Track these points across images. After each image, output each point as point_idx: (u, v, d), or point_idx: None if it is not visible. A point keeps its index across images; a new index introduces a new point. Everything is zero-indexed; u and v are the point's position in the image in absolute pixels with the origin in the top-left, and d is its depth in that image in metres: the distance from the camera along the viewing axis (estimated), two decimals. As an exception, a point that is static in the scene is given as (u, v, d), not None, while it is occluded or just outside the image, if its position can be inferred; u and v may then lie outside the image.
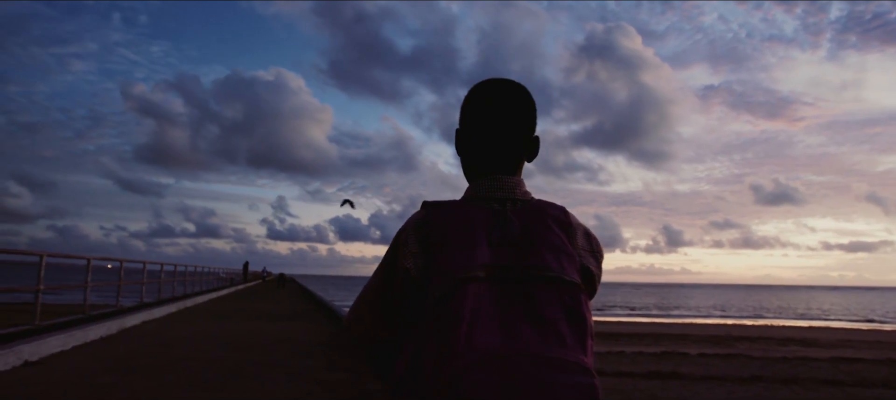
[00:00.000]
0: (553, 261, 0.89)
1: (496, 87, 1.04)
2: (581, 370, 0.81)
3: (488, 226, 0.92)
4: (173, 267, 19.28)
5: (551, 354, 0.80)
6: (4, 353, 5.81)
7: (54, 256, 8.84)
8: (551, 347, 0.81)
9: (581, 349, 0.84)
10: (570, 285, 0.88)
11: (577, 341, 0.84)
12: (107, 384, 5.20)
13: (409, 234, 0.94)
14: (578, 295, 0.88)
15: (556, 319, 0.84)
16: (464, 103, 1.06)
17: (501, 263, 0.88)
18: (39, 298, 8.27)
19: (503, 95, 1.03)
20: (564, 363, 0.80)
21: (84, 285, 10.16)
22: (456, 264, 0.87)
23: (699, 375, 8.56)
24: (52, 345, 6.92)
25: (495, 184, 0.98)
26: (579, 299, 0.87)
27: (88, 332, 8.09)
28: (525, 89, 1.05)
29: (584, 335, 0.85)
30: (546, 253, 0.90)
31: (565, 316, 0.85)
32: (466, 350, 0.79)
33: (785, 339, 15.71)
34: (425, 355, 0.84)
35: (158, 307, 13.03)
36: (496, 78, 1.06)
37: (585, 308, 0.88)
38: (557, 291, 0.87)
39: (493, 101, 1.02)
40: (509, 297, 0.85)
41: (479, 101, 1.04)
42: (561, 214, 0.98)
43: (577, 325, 0.85)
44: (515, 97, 1.03)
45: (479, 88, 1.05)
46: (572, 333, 0.84)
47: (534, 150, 1.05)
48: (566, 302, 0.86)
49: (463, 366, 0.78)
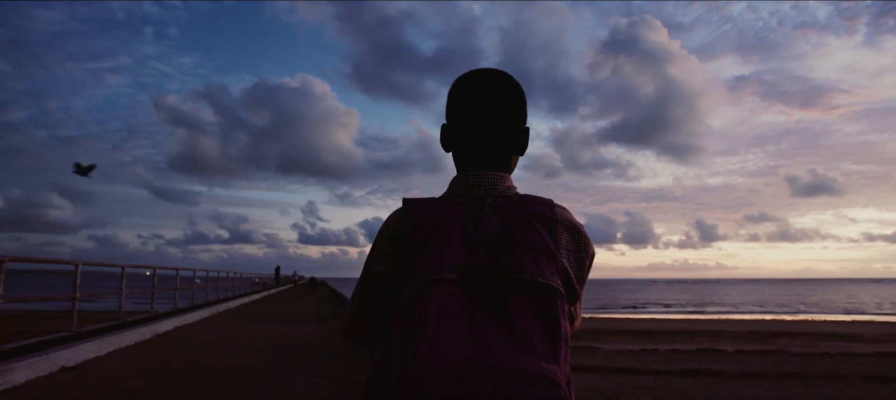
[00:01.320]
0: (530, 262, 0.85)
1: (478, 78, 0.99)
2: (546, 382, 0.76)
3: (464, 225, 0.88)
4: (205, 273, 19.65)
5: (517, 363, 0.76)
6: (41, 359, 5.98)
7: (89, 264, 9.05)
8: (519, 356, 0.77)
9: (552, 357, 0.79)
10: (545, 288, 0.83)
11: (548, 349, 0.79)
12: (137, 388, 5.30)
13: (383, 235, 0.93)
14: (554, 299, 0.83)
15: (526, 324, 0.80)
16: (448, 96, 1.02)
17: (474, 265, 0.84)
18: (76, 306, 8.49)
19: (485, 87, 0.98)
20: (528, 374, 0.76)
21: (119, 292, 10.40)
22: (426, 266, 0.84)
23: (736, 373, 8.30)
24: (88, 351, 7.10)
25: (475, 180, 0.95)
26: (554, 303, 0.82)
27: (123, 337, 8.27)
28: (511, 79, 1.00)
29: (557, 342, 0.80)
30: (523, 253, 0.85)
31: (538, 321, 0.80)
32: (429, 355, 0.77)
33: (827, 334, 15.15)
34: (392, 358, 0.82)
35: (191, 312, 13.29)
36: (480, 68, 1.01)
37: (560, 313, 0.82)
38: (531, 294, 0.82)
39: (475, 93, 0.98)
40: (480, 300, 0.81)
41: (460, 94, 1.00)
42: (546, 211, 0.92)
43: (550, 331, 0.80)
44: (498, 88, 0.98)
45: (461, 80, 1.01)
46: (544, 339, 0.79)
47: (522, 143, 1.01)
48: (539, 306, 0.81)
49: (424, 372, 0.75)
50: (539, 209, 0.92)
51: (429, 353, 0.77)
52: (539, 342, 0.79)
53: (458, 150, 1.00)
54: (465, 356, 0.76)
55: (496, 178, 0.95)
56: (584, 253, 0.93)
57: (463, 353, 0.76)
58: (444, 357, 0.76)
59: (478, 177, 0.95)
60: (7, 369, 5.33)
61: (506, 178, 0.96)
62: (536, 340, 0.79)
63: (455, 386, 0.74)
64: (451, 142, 1.01)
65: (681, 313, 30.23)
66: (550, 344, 0.79)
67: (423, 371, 0.76)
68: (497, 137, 0.97)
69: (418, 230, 0.89)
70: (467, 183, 0.95)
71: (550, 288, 0.83)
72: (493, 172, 0.96)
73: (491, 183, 0.94)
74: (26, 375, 5.62)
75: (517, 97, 0.99)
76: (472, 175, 0.95)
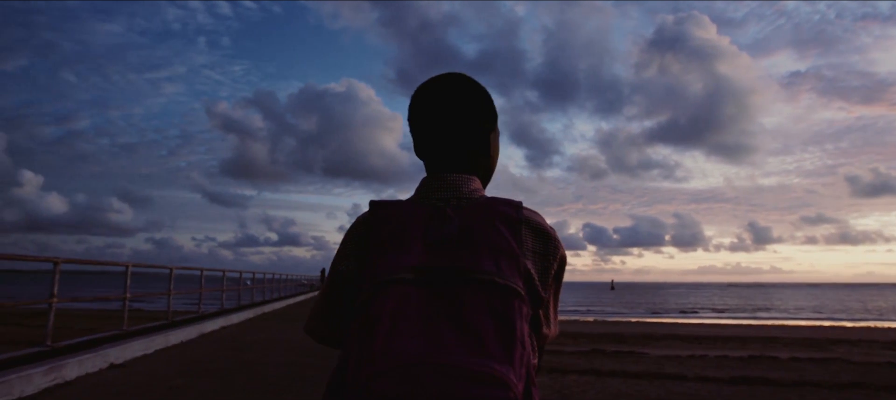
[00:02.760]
0: (489, 262, 0.84)
1: (437, 83, 1.01)
2: (495, 382, 0.74)
3: (425, 226, 0.88)
4: (252, 274, 20.13)
5: (468, 363, 0.75)
6: (92, 355, 6.23)
7: (138, 265, 9.39)
8: (470, 356, 0.76)
9: (506, 358, 0.77)
10: (503, 289, 0.82)
11: (502, 350, 0.77)
12: (179, 386, 5.42)
13: (348, 235, 0.94)
14: (512, 300, 0.81)
15: (481, 325, 0.78)
16: (409, 105, 1.04)
17: (432, 265, 0.84)
18: (126, 306, 8.82)
19: (441, 92, 1.00)
20: (478, 375, 0.74)
21: (167, 293, 10.75)
22: (384, 266, 0.85)
23: (791, 381, 7.87)
24: (136, 349, 7.35)
25: (440, 183, 0.95)
26: (512, 305, 0.81)
27: (170, 337, 8.54)
28: (470, 82, 1.01)
29: (512, 343, 0.79)
30: (483, 254, 0.84)
31: (493, 322, 0.79)
32: (381, 355, 0.76)
33: (891, 342, 14.26)
34: (350, 358, 0.81)
35: (237, 313, 13.62)
36: (440, 74, 1.03)
37: (517, 314, 0.81)
38: (488, 294, 0.81)
39: (431, 98, 1.00)
40: (435, 300, 0.81)
41: (418, 101, 1.02)
42: (512, 212, 0.91)
43: (505, 332, 0.79)
44: (457, 91, 0.99)
45: (419, 87, 1.03)
46: (498, 341, 0.78)
47: (484, 145, 1.01)
48: (496, 307, 0.80)
49: (374, 372, 0.75)
50: (504, 210, 0.91)
51: (381, 352, 0.77)
52: (493, 343, 0.77)
53: (424, 156, 1.02)
54: (417, 356, 0.76)
55: (461, 180, 0.95)
56: (551, 256, 0.92)
57: (415, 352, 0.76)
58: (394, 357, 0.76)
59: (443, 179, 0.95)
60: (60, 365, 5.57)
61: (472, 180, 0.96)
62: (490, 341, 0.77)
63: (404, 385, 0.74)
64: (418, 148, 1.03)
65: (732, 318, 29.04)
66: (505, 345, 0.78)
67: (374, 370, 0.75)
68: (457, 140, 0.99)
69: (380, 231, 0.89)
70: (433, 185, 0.96)
71: (508, 289, 0.82)
72: (458, 175, 0.96)
73: (455, 185, 0.95)
74: (77, 371, 5.85)
75: (474, 99, 1.00)
76: (438, 177, 0.96)
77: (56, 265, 6.77)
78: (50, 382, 5.37)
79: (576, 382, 7.62)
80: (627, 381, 7.73)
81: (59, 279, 6.75)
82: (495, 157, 1.05)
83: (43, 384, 5.25)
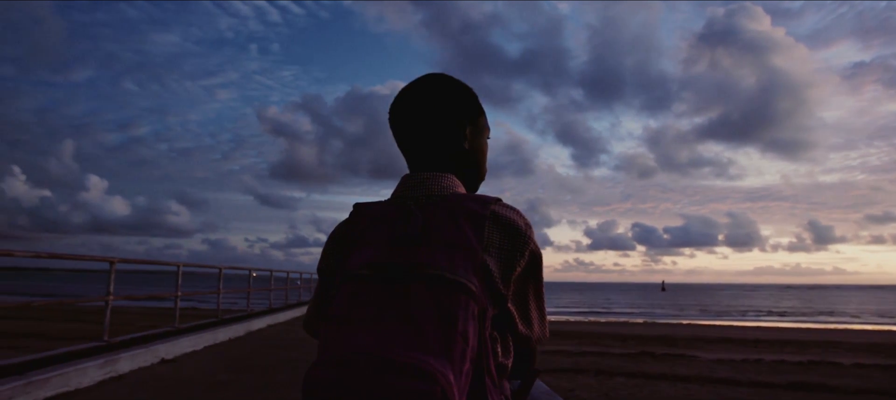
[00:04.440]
0: (444, 258, 0.85)
1: (410, 85, 1.03)
2: (421, 375, 0.75)
3: (392, 224, 0.91)
4: (299, 274, 20.56)
5: (399, 356, 0.76)
6: (144, 351, 6.48)
7: (189, 265, 9.70)
8: (405, 349, 0.77)
9: (444, 353, 0.78)
10: (450, 285, 0.82)
11: (442, 345, 0.78)
12: (223, 381, 5.57)
13: (330, 236, 0.99)
14: (458, 295, 0.82)
15: (425, 320, 0.80)
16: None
17: (389, 261, 0.86)
18: (177, 304, 9.14)
19: (413, 92, 1.02)
20: (405, 367, 0.75)
21: (217, 292, 11.09)
22: (349, 264, 0.89)
23: (854, 389, 7.42)
24: (185, 345, 7.61)
25: (414, 181, 0.98)
26: (457, 300, 0.81)
27: (218, 334, 8.80)
28: (443, 79, 1.03)
29: (453, 339, 0.79)
30: (440, 250, 0.86)
31: (437, 317, 0.80)
32: (329, 347, 0.80)
33: (969, 348, 13.29)
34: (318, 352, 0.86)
35: (283, 312, 13.94)
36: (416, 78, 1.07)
37: (462, 310, 0.81)
38: (435, 290, 0.82)
39: (404, 99, 1.02)
40: (385, 295, 0.83)
41: (393, 103, 1.04)
42: (477, 208, 0.91)
43: (447, 327, 0.79)
44: (426, 90, 1.01)
45: (398, 92, 1.06)
46: (439, 336, 0.79)
47: (459, 139, 1.02)
48: (442, 303, 0.81)
49: (317, 363, 0.79)
50: (470, 206, 0.91)
51: (330, 344, 0.81)
52: (433, 338, 0.78)
53: (404, 155, 1.05)
54: (358, 348, 0.78)
55: (433, 178, 0.97)
56: (517, 252, 0.91)
57: (358, 345, 0.78)
58: (338, 348, 0.79)
59: (416, 178, 0.98)
60: (114, 360, 5.81)
61: (444, 178, 0.98)
62: (431, 336, 0.78)
63: (336, 375, 0.76)
64: (399, 148, 1.06)
65: (790, 321, 27.77)
66: (445, 340, 0.78)
67: (318, 362, 0.79)
68: (427, 138, 1.01)
69: (354, 230, 0.94)
70: (407, 184, 0.98)
71: (456, 285, 0.82)
72: (430, 173, 0.98)
73: (426, 183, 0.96)
74: (130, 365, 6.10)
75: (445, 96, 1.01)
76: (412, 176, 0.99)
77: (112, 265, 7.09)
78: (104, 375, 5.60)
79: (623, 384, 7.42)
80: (676, 384, 7.47)
81: (114, 278, 7.04)
82: (479, 151, 1.06)
83: (98, 377, 5.48)
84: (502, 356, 0.92)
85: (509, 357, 0.94)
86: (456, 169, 1.02)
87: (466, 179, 1.04)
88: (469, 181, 1.05)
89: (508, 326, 0.93)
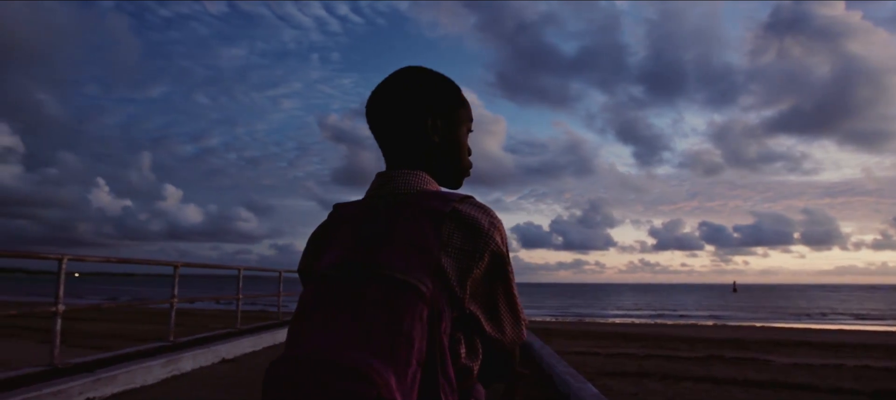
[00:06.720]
0: (400, 259, 0.82)
1: (383, 81, 1.00)
2: (360, 377, 0.72)
3: (358, 224, 0.89)
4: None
5: (342, 357, 0.74)
6: (205, 351, 6.72)
7: (250, 269, 10.01)
8: (349, 350, 0.75)
9: (388, 355, 0.75)
10: (401, 286, 0.79)
11: (386, 346, 0.76)
12: (279, 381, 5.66)
13: (310, 236, 0.98)
14: (407, 296, 0.79)
15: (373, 320, 0.78)
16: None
17: (350, 261, 0.84)
18: (238, 306, 9.44)
19: (382, 87, 0.99)
20: (346, 369, 0.73)
21: (277, 295, 11.39)
22: (320, 264, 0.88)
23: (953, 396, 6.76)
24: (245, 346, 7.84)
25: (384, 179, 0.95)
26: (404, 301, 0.78)
27: (277, 335, 9.03)
28: (410, 72, 0.99)
29: (397, 340, 0.76)
30: (397, 249, 0.83)
31: (385, 319, 0.77)
32: (287, 346, 0.80)
33: None
34: None
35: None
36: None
37: (409, 312, 0.78)
38: (386, 291, 0.79)
39: (373, 97, 1.00)
40: (340, 296, 0.81)
41: (368, 99, 1.02)
42: (439, 206, 0.87)
43: (392, 328, 0.77)
44: (392, 84, 0.98)
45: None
46: (384, 337, 0.76)
47: (425, 132, 0.96)
48: (392, 303, 0.78)
49: (275, 361, 0.78)
50: (432, 205, 0.87)
51: (288, 343, 0.80)
52: (378, 339, 0.76)
53: (381, 152, 1.02)
54: (306, 348, 0.77)
55: (401, 175, 0.93)
56: (477, 253, 0.85)
57: (309, 344, 0.77)
58: (293, 347, 0.79)
59: (387, 176, 0.95)
60: (177, 359, 6.04)
61: (413, 175, 0.94)
62: (376, 337, 0.76)
63: (284, 373, 0.76)
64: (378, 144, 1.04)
65: (876, 324, 25.85)
66: (390, 342, 0.76)
67: (275, 360, 0.78)
68: (394, 135, 0.97)
69: (326, 231, 0.93)
70: (377, 183, 0.95)
71: (406, 286, 0.79)
72: (399, 170, 0.94)
73: (394, 180, 0.93)
74: (192, 364, 6.32)
75: (409, 90, 0.96)
76: (383, 173, 0.96)
77: (176, 269, 7.42)
78: (168, 373, 5.81)
79: (690, 389, 7.06)
80: (748, 389, 7.04)
81: (178, 281, 7.35)
82: (453, 144, 0.99)
83: (162, 375, 5.69)
84: (467, 358, 0.87)
85: (476, 360, 0.89)
86: (427, 164, 0.97)
87: (441, 175, 0.99)
88: (445, 177, 0.99)
89: (474, 327, 0.88)
